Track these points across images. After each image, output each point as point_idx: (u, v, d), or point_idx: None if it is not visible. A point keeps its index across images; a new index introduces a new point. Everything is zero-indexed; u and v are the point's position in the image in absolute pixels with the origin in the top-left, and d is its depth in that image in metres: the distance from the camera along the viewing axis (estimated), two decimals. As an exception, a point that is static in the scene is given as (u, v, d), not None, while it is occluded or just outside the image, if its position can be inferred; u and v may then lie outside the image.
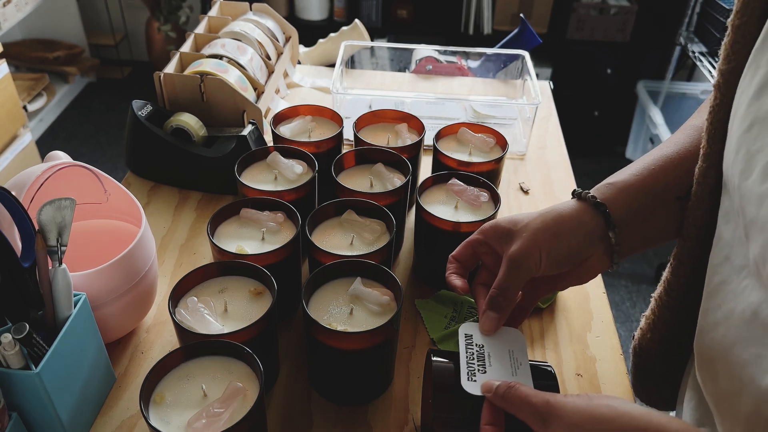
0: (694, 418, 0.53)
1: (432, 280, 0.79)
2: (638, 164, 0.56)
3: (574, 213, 0.54)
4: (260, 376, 0.52)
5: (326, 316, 0.60)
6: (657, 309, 0.59)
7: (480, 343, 0.53)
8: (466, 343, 0.53)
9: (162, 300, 0.75)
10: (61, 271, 0.55)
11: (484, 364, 0.51)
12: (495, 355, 0.52)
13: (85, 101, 2.97)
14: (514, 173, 1.01)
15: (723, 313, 0.43)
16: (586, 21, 2.53)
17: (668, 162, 0.55)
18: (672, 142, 0.57)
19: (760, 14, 0.45)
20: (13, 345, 0.51)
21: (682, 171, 0.54)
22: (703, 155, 0.50)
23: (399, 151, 0.81)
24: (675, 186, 0.54)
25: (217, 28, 1.12)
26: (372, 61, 1.27)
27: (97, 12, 3.05)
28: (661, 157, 0.55)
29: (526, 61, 1.12)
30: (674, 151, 0.55)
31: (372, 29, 2.55)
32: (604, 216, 0.53)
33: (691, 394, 0.54)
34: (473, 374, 0.50)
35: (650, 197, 0.54)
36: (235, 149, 0.87)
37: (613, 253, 0.54)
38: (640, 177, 0.54)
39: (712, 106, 0.49)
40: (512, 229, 0.54)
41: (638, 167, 0.55)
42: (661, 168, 0.54)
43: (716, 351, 0.43)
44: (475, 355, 0.52)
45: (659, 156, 0.55)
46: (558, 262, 0.53)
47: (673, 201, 0.54)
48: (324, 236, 0.70)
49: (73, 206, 0.54)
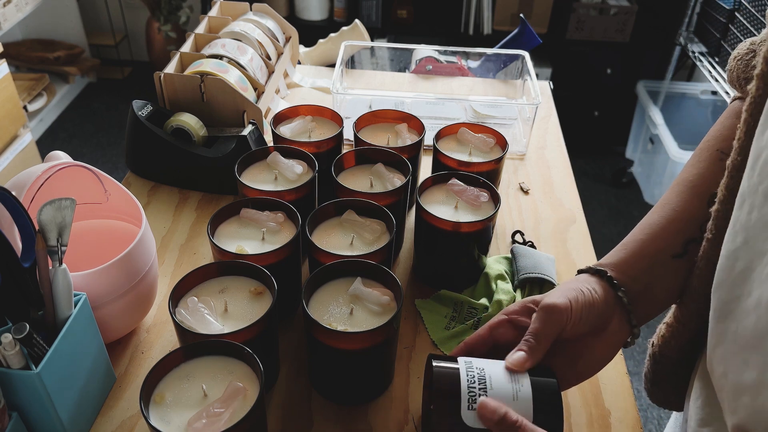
0: (699, 417, 0.52)
1: (432, 280, 0.79)
2: (633, 236, 0.58)
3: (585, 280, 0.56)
4: (260, 376, 0.52)
5: (326, 316, 0.60)
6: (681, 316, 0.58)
7: (480, 366, 0.52)
8: (467, 367, 0.52)
9: (162, 300, 0.75)
10: (61, 271, 0.55)
11: (485, 387, 0.50)
12: (496, 378, 0.51)
13: (86, 101, 2.97)
14: (514, 173, 1.01)
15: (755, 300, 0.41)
16: (585, 21, 2.53)
17: (658, 227, 0.57)
18: (660, 205, 0.59)
19: None
20: (13, 345, 0.51)
21: (673, 232, 0.56)
22: (737, 148, 0.50)
23: (399, 151, 0.81)
24: (669, 247, 0.56)
25: (217, 29, 1.12)
26: (372, 61, 1.27)
27: (98, 12, 3.05)
28: (652, 222, 0.57)
29: (526, 61, 1.12)
30: (663, 215, 0.57)
31: (372, 29, 2.55)
32: (610, 283, 0.56)
33: (698, 392, 0.54)
34: (473, 401, 0.49)
35: (649, 265, 0.56)
36: (236, 149, 0.87)
37: (630, 316, 0.55)
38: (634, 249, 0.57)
39: (754, 97, 0.47)
40: (536, 298, 0.56)
41: (632, 238, 0.58)
42: (653, 234, 0.57)
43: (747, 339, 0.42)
44: (476, 379, 0.51)
45: (650, 222, 0.58)
46: (585, 320, 0.53)
47: (670, 260, 0.56)
48: (324, 236, 0.70)
49: (73, 206, 0.54)
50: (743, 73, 0.57)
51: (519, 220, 0.91)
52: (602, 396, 0.67)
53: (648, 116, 2.47)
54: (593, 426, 0.64)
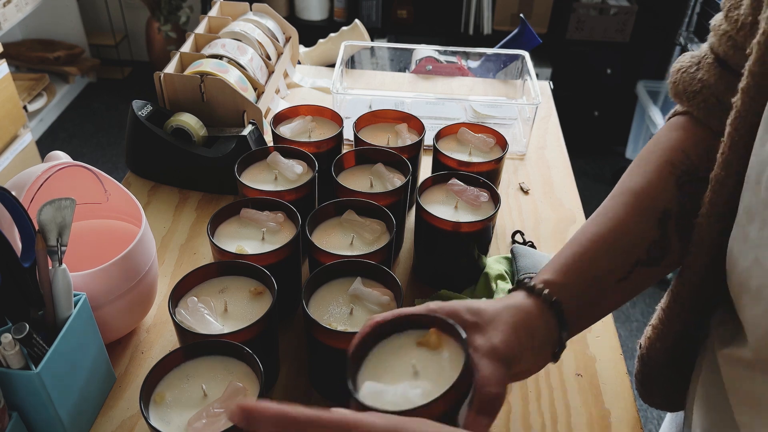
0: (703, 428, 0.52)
1: (432, 280, 0.79)
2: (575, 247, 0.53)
3: (534, 310, 0.49)
4: (260, 376, 0.52)
5: (326, 316, 0.60)
6: (665, 319, 0.57)
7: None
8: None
9: (162, 300, 0.75)
10: (61, 271, 0.55)
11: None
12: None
13: (86, 101, 2.97)
14: (514, 173, 1.01)
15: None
16: (585, 21, 2.53)
17: (603, 243, 0.52)
18: (604, 214, 0.54)
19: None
20: (13, 345, 0.51)
21: (619, 251, 0.52)
22: (721, 162, 0.48)
23: (399, 151, 0.81)
24: (616, 269, 0.52)
25: (217, 29, 1.12)
26: (372, 62, 1.27)
27: (98, 12, 3.05)
28: (596, 234, 0.53)
29: (526, 61, 1.12)
30: (608, 228, 0.53)
31: (372, 29, 2.55)
32: (558, 317, 0.50)
33: (700, 402, 0.54)
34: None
35: (593, 285, 0.52)
36: (235, 149, 0.87)
37: (562, 334, 0.50)
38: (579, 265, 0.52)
39: (738, 111, 0.46)
40: (478, 321, 0.47)
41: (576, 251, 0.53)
42: (597, 251, 0.52)
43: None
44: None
45: (594, 233, 0.53)
46: (526, 358, 0.48)
47: (615, 283, 0.52)
48: (324, 236, 0.70)
49: (73, 206, 0.54)
50: (689, 86, 0.55)
51: (519, 220, 0.91)
52: (602, 396, 0.67)
53: (648, 116, 2.47)
54: (593, 426, 0.64)
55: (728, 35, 0.51)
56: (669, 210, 0.53)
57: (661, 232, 0.53)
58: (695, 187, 0.53)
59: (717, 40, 0.53)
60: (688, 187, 0.53)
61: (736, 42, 0.51)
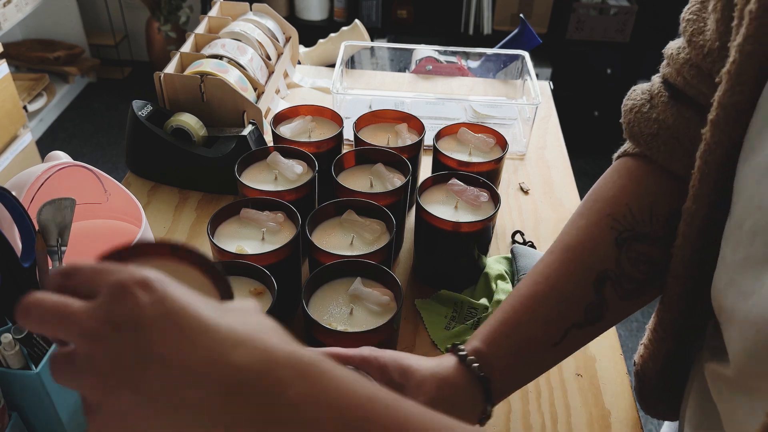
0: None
1: (432, 280, 0.79)
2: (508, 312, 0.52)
3: (460, 383, 0.50)
4: (260, 376, 0.52)
5: (326, 316, 0.60)
6: (654, 341, 0.56)
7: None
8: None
9: (162, 300, 0.75)
10: (61, 271, 0.55)
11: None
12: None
13: (86, 101, 2.97)
14: (514, 173, 1.01)
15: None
16: (585, 21, 2.53)
17: (536, 307, 0.51)
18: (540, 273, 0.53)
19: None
20: (13, 345, 0.51)
21: (553, 316, 0.51)
22: (692, 196, 0.47)
23: (399, 151, 0.81)
24: (549, 334, 0.51)
25: (217, 29, 1.12)
26: (372, 62, 1.27)
27: (98, 12, 3.05)
28: (528, 298, 0.52)
29: (526, 61, 1.12)
30: (542, 291, 0.52)
31: (372, 29, 2.55)
32: (485, 391, 0.50)
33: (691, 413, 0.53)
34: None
35: (524, 352, 0.51)
36: (235, 149, 0.87)
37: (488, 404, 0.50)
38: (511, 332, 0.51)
39: (708, 144, 0.44)
40: (404, 384, 0.48)
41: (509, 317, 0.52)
42: (530, 316, 0.51)
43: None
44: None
45: (527, 297, 0.52)
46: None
47: (548, 348, 0.51)
48: (324, 236, 0.70)
49: (73, 206, 0.54)
50: (645, 128, 0.52)
51: (519, 220, 0.91)
52: (602, 396, 0.67)
53: (648, 116, 2.47)
54: (593, 426, 0.64)
55: (691, 63, 0.49)
56: (606, 271, 0.51)
57: (597, 296, 0.51)
58: (635, 247, 0.51)
59: (675, 71, 0.51)
60: (627, 248, 0.51)
61: (701, 69, 0.48)
